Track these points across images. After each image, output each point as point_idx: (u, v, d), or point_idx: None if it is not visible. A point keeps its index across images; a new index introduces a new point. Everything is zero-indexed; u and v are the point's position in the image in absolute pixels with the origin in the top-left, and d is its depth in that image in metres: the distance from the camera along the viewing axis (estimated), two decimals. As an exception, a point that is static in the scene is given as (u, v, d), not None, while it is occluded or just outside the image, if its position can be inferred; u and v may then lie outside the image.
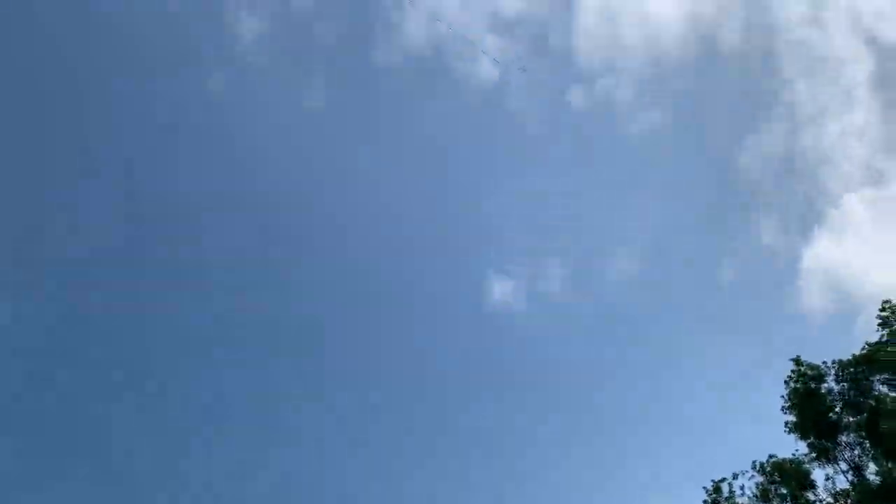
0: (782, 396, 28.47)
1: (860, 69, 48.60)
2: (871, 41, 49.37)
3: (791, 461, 28.09)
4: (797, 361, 28.81)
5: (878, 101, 48.86)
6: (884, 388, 27.04)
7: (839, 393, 27.90)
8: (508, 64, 43.41)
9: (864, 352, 27.91)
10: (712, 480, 28.53)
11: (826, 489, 26.87)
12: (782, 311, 42.61)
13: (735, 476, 28.28)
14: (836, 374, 28.04)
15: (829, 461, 27.51)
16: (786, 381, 28.72)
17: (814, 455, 27.70)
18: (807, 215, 46.10)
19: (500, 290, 40.78)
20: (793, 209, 45.85)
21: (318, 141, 37.22)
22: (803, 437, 28.04)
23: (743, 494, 27.90)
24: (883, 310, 28.09)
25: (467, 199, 40.53)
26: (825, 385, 28.07)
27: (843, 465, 27.39)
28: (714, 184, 46.86)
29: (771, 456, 28.27)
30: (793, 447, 27.80)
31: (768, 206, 45.77)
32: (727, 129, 48.59)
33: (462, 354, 39.45)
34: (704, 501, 28.43)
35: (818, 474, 27.24)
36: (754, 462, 28.39)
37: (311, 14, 36.56)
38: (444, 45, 41.09)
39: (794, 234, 44.66)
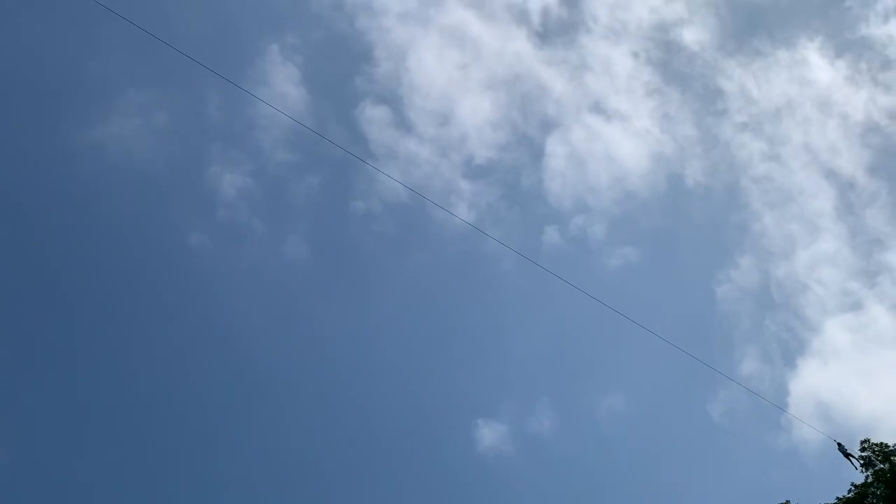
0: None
1: (823, 199, 51.25)
2: (830, 174, 52.33)
3: None
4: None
5: (844, 229, 51.30)
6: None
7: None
8: (484, 208, 45.25)
9: (851, 495, 28.05)
10: None
11: None
12: (774, 446, 42.80)
13: None
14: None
15: None
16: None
17: None
18: (789, 344, 47.41)
19: (489, 433, 40.68)
20: (774, 339, 47.18)
21: (302, 292, 37.85)
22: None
23: None
24: (863, 449, 28.54)
25: (452, 344, 41.03)
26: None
27: None
28: (693, 317, 48.20)
29: None
30: None
31: (749, 338, 47.05)
32: (701, 263, 50.51)
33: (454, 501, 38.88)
34: None
35: None
36: None
37: (289, 168, 37.93)
38: (421, 193, 42.73)
39: (778, 365, 45.73)
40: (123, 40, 34.80)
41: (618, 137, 51.07)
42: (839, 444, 27.46)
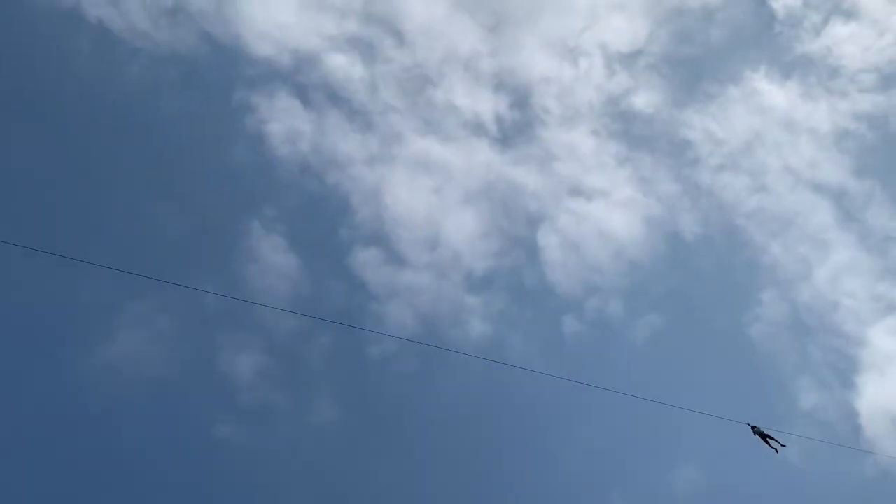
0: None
1: (822, 214, 51.13)
2: (819, 188, 52.47)
3: None
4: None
5: (852, 236, 50.90)
6: None
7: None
8: (496, 317, 44.79)
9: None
10: None
11: None
12: (862, 476, 40.68)
13: None
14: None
15: None
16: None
17: None
18: (839, 364, 45.96)
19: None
20: (823, 364, 45.76)
21: (339, 452, 37.04)
22: None
23: None
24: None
25: (499, 471, 39.71)
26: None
27: None
28: (735, 366, 47.10)
29: None
30: None
31: (798, 371, 45.74)
32: (725, 310, 49.75)
33: None
34: None
35: None
36: None
37: (298, 334, 37.99)
38: (433, 320, 42.57)
39: (837, 389, 44.13)
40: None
41: (604, 213, 51.35)
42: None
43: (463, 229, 46.10)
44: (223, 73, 42.45)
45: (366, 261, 41.87)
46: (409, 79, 47.10)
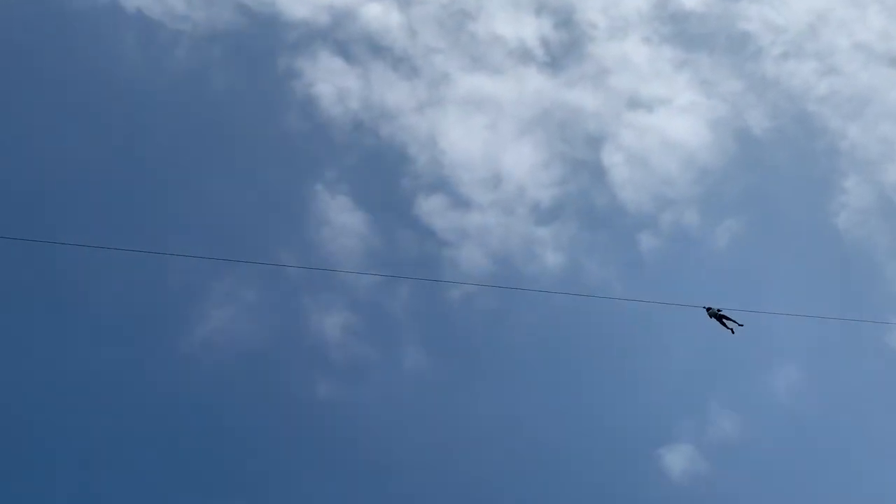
0: None
1: (891, 91, 48.16)
2: (894, 61, 49.27)
3: None
4: None
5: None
6: None
7: None
8: (569, 245, 44.22)
9: None
10: None
11: None
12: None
13: None
14: None
15: None
16: None
17: None
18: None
19: (677, 459, 38.69)
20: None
21: (437, 394, 37.86)
22: None
23: None
24: None
25: (591, 393, 39.75)
26: None
27: None
28: (825, 260, 45.46)
29: None
30: None
31: (893, 255, 43.81)
32: (807, 203, 47.89)
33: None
34: None
35: None
36: None
37: (378, 287, 38.47)
38: (506, 257, 42.47)
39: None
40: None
41: (667, 122, 49.72)
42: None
43: (523, 161, 45.57)
44: (264, 43, 42.54)
45: (431, 208, 41.97)
46: (447, 17, 46.14)
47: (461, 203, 41.82)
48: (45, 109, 35.29)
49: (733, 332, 23.36)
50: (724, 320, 23.11)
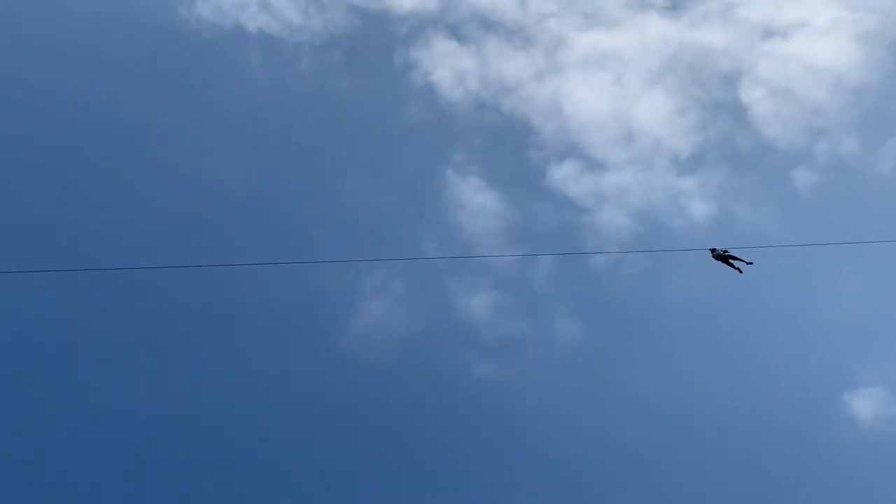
0: None
1: None
2: None
3: None
4: None
5: None
6: None
7: None
8: (717, 192, 42.14)
9: None
10: None
11: None
12: None
13: None
14: None
15: None
16: None
17: None
18: None
19: (866, 403, 36.03)
20: None
21: (594, 362, 37.29)
22: None
23: None
24: None
25: (750, 352, 37.60)
26: None
27: None
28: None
29: None
30: None
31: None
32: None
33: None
34: None
35: None
36: None
37: (521, 264, 38.39)
38: (650, 214, 41.04)
39: None
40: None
41: (808, 46, 45.88)
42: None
43: (656, 112, 43.69)
44: (379, 39, 43.30)
45: (564, 175, 41.25)
46: (555, -22, 44.95)
47: (595, 166, 40.81)
48: (190, 138, 37.71)
49: (741, 272, 21.45)
50: (731, 260, 21.17)
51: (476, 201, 40.07)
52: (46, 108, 34.92)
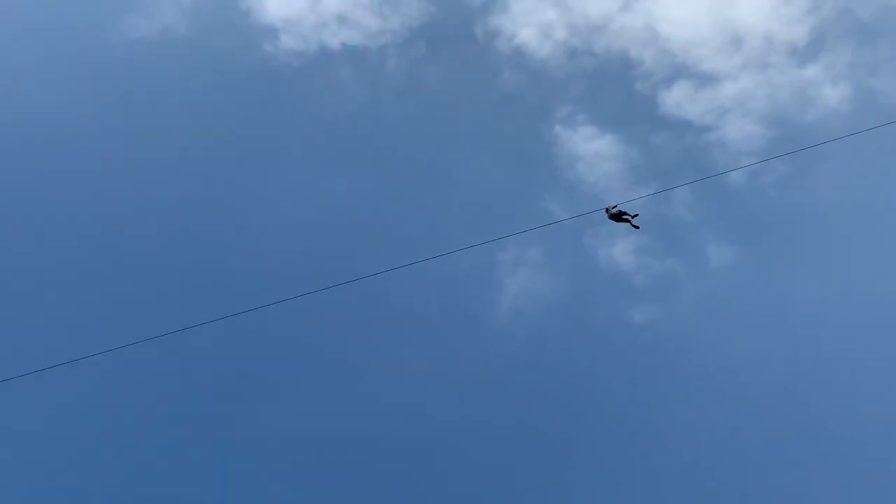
0: None
1: None
2: None
3: None
4: None
5: None
6: None
7: None
8: (850, 73, 39.18)
9: None
10: None
11: None
12: None
13: None
14: None
15: None
16: None
17: None
18: None
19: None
20: None
21: (754, 284, 35.67)
22: None
23: None
24: None
25: None
26: None
27: None
28: None
29: None
30: None
31: None
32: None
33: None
34: None
35: None
36: None
37: (648, 205, 37.17)
38: (780, 115, 38.72)
39: None
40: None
41: None
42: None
43: (758, 8, 40.81)
44: (458, 17, 43.01)
45: (677, 100, 39.49)
46: None
47: (707, 81, 38.71)
48: (307, 163, 39.06)
49: (638, 228, 19.73)
50: (624, 216, 19.58)
51: (591, 150, 39.18)
52: (170, 164, 37.05)
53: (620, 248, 36.60)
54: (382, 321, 33.80)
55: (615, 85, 41.51)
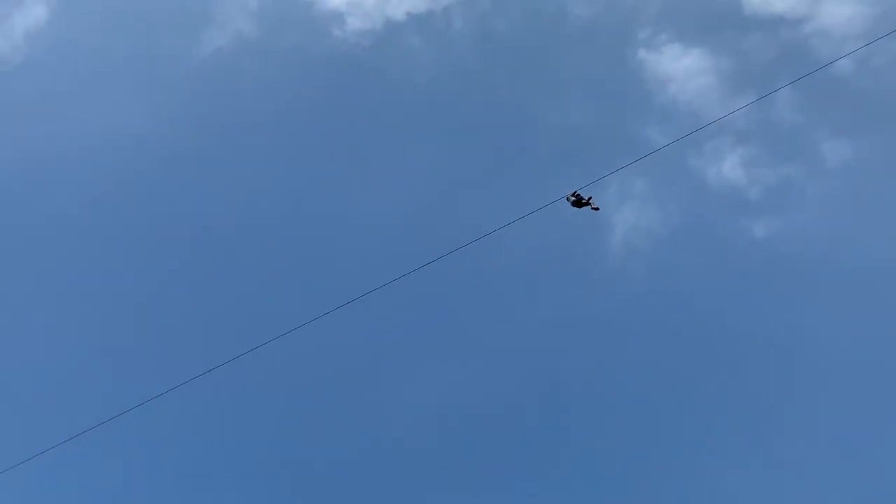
0: None
1: None
2: None
3: None
4: None
5: None
6: None
7: None
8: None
9: None
10: None
11: None
12: None
13: None
14: None
15: None
16: None
17: None
18: None
19: None
20: None
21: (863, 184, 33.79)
22: None
23: None
24: None
25: None
26: None
27: None
28: None
29: None
30: None
31: None
32: None
33: None
34: None
35: None
36: None
37: (751, 113, 35.69)
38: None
39: None
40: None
41: None
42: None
43: None
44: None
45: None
46: None
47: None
48: (406, 143, 38.74)
49: (598, 209, 19.37)
50: (582, 202, 19.10)
51: (681, 68, 37.69)
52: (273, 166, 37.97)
53: (729, 163, 35.27)
54: (499, 280, 33.89)
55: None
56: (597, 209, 19.47)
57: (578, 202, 19.19)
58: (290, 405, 31.14)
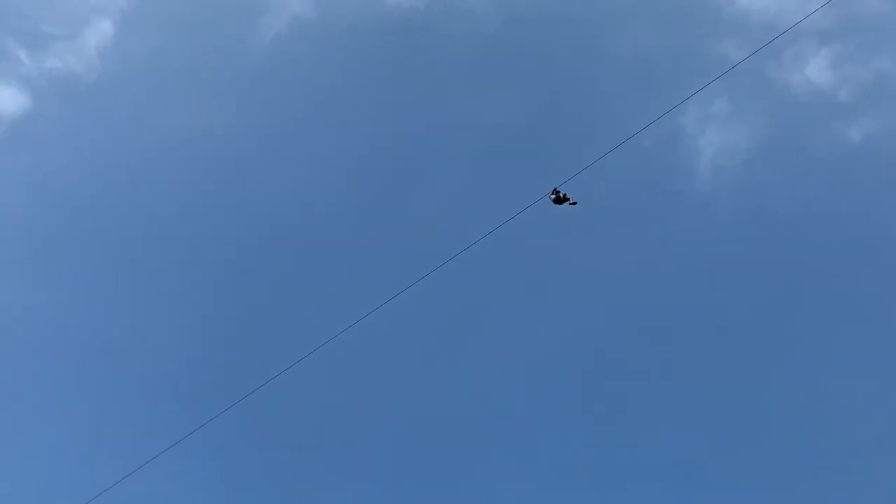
0: None
1: None
2: None
3: None
4: None
5: None
6: None
7: None
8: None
9: None
10: None
11: None
12: None
13: None
14: None
15: None
16: None
17: None
18: None
19: None
20: None
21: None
22: None
23: None
24: None
25: None
26: None
27: None
28: None
29: None
30: None
31: None
32: None
33: None
34: None
35: None
36: None
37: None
38: None
39: None
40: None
41: None
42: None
43: None
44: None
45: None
46: None
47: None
48: (467, 93, 38.15)
49: (576, 204, 19.38)
50: (563, 199, 19.13)
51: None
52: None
53: (814, 66, 33.38)
54: (596, 216, 33.13)
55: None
56: (575, 203, 19.68)
57: (558, 199, 19.44)
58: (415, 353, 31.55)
